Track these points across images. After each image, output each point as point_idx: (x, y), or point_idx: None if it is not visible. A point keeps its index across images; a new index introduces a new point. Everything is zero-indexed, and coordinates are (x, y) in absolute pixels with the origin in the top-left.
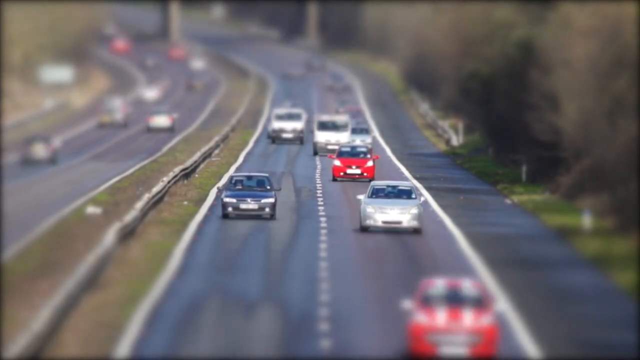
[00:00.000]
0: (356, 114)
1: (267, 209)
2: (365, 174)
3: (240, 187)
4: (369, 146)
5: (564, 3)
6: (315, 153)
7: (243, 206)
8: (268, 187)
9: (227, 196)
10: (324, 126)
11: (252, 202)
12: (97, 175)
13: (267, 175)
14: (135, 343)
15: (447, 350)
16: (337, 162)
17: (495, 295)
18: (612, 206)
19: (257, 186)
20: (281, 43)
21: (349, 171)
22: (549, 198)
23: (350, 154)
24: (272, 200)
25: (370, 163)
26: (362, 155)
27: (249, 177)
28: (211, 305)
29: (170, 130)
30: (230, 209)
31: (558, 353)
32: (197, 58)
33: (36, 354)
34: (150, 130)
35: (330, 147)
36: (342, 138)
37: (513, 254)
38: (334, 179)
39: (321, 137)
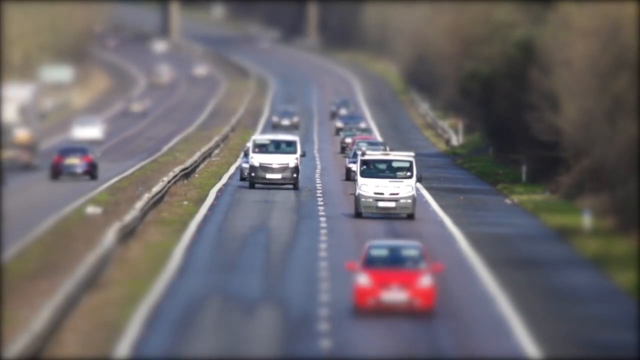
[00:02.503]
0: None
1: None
2: (417, 302)
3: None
4: (409, 201)
5: (564, 3)
6: (252, 184)
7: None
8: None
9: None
10: (262, 148)
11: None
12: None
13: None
14: (135, 343)
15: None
16: (362, 280)
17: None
18: (612, 206)
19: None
20: (281, 43)
21: (386, 297)
22: (549, 198)
23: (389, 261)
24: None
25: (425, 281)
26: (409, 264)
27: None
28: (211, 305)
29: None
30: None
31: (558, 353)
32: (199, 64)
33: (36, 354)
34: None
35: (269, 177)
36: (288, 161)
37: (513, 254)
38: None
39: (258, 160)
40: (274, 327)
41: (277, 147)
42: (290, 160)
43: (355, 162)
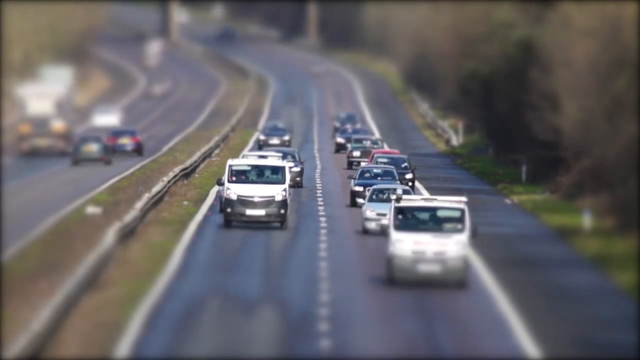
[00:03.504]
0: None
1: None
2: None
3: None
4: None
5: (564, 3)
6: (228, 223)
7: None
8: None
9: None
10: (241, 176)
11: None
12: (97, 175)
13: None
14: (135, 343)
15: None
16: None
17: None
18: (612, 206)
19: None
20: (281, 43)
21: None
22: (549, 198)
23: None
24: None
25: None
26: None
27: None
28: (211, 305)
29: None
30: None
31: (558, 353)
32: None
33: (36, 354)
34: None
35: (250, 213)
36: (274, 193)
37: (513, 254)
38: None
39: (235, 191)
40: (274, 327)
41: (260, 174)
42: (277, 191)
43: (361, 184)
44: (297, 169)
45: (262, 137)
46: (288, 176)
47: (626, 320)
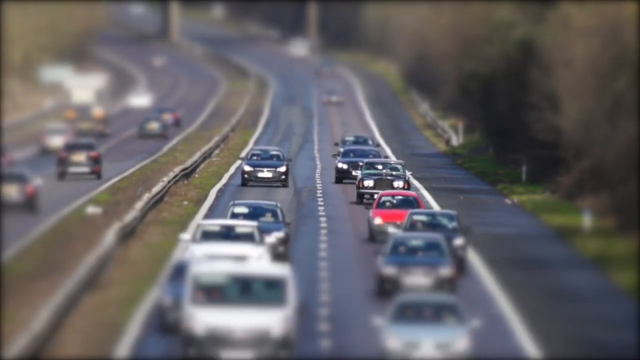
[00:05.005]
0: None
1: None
2: None
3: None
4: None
5: (564, 3)
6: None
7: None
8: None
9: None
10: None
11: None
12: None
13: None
14: (135, 343)
15: None
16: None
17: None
18: (612, 206)
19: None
20: (281, 43)
21: None
22: (549, 198)
23: None
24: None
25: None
26: None
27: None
28: None
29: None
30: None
31: (558, 353)
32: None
33: (36, 354)
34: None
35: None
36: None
37: (513, 254)
38: None
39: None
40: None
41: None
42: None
43: (395, 264)
44: (280, 235)
45: (246, 168)
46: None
47: (626, 320)
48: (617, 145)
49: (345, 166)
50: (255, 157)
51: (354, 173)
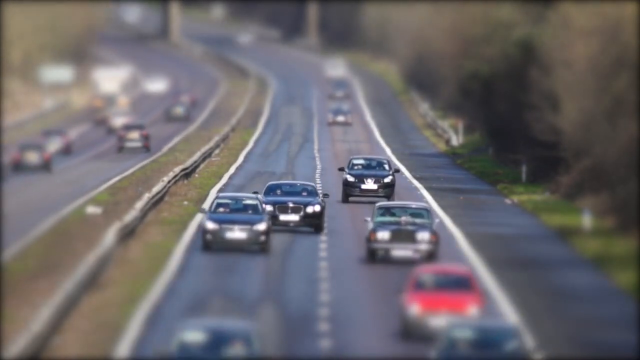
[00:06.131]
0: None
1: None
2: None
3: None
4: None
5: (564, 3)
6: None
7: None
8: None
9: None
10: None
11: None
12: (97, 175)
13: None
14: (135, 343)
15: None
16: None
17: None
18: (612, 206)
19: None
20: (281, 43)
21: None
22: (549, 198)
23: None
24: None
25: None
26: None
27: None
28: (211, 305)
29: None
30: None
31: (558, 353)
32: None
33: (36, 354)
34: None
35: None
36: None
37: (513, 254)
38: None
39: None
40: (274, 327)
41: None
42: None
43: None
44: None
45: (209, 225)
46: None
47: (626, 320)
48: (617, 145)
49: (353, 179)
50: (222, 209)
51: (363, 187)
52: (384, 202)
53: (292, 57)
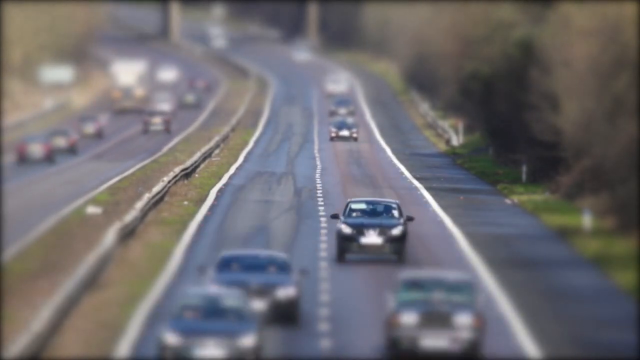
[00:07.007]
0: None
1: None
2: None
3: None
4: None
5: (564, 3)
6: None
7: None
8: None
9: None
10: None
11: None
12: (97, 175)
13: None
14: (135, 343)
15: None
16: None
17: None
18: (612, 206)
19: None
20: (282, 43)
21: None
22: (549, 198)
23: None
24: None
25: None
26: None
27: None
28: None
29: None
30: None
31: (558, 353)
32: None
33: (36, 354)
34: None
35: None
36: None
37: (513, 254)
38: None
39: None
40: (274, 327)
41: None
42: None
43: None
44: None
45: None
46: None
47: (626, 320)
48: (617, 145)
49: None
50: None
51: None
52: (410, 273)
53: (293, 57)
